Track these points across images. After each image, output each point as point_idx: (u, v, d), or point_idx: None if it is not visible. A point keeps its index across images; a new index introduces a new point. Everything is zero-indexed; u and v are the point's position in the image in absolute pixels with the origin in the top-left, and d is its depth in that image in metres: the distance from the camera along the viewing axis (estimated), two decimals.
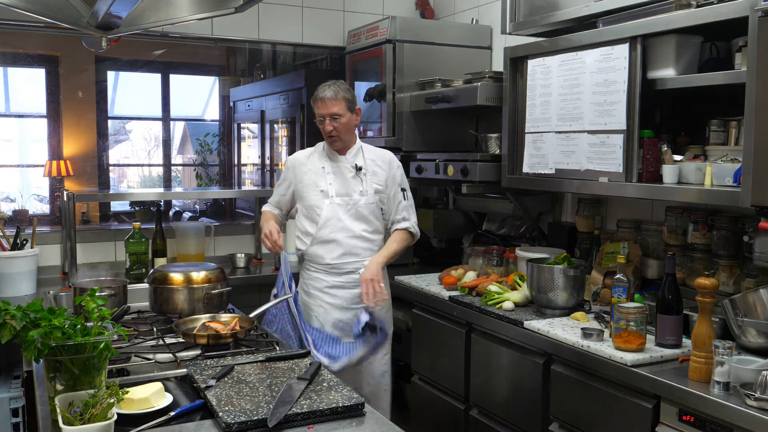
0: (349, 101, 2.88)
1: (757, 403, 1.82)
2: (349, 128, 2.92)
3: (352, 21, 4.28)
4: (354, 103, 2.92)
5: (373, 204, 2.94)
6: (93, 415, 1.56)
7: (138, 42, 5.72)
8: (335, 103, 2.85)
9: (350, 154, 2.96)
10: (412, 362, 3.36)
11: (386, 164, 3.00)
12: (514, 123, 3.07)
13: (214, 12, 2.45)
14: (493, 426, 2.82)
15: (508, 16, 3.16)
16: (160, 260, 3.76)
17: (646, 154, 2.47)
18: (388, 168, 2.99)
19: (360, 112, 2.99)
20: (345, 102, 2.86)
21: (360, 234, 2.94)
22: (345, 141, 2.93)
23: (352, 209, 2.92)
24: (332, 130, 2.87)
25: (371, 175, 2.96)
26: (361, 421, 1.74)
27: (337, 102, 2.85)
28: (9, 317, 1.72)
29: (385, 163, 3.00)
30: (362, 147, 3.01)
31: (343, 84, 2.92)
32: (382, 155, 3.02)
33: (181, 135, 8.34)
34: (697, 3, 2.30)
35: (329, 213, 2.91)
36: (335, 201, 2.92)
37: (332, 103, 2.85)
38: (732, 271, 2.51)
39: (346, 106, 2.87)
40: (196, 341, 2.26)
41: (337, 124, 2.86)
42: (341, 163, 2.95)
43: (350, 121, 2.91)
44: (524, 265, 2.98)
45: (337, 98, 2.85)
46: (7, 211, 6.54)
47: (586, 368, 2.35)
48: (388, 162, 3.01)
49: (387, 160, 3.01)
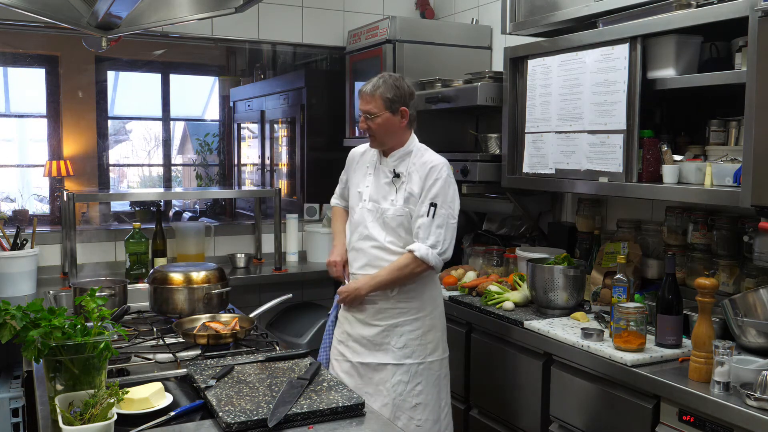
0: (388, 100, 2.55)
1: (757, 403, 1.82)
2: (387, 130, 2.58)
3: (352, 21, 4.28)
4: (398, 102, 2.57)
5: (402, 216, 2.57)
6: (93, 415, 1.56)
7: (138, 42, 5.71)
8: (370, 99, 2.57)
9: (393, 158, 2.63)
10: None
11: (425, 171, 2.57)
12: (514, 123, 3.07)
13: (214, 12, 2.46)
14: (493, 426, 2.82)
15: (508, 16, 3.16)
16: (160, 260, 3.76)
17: (646, 154, 2.47)
18: (425, 176, 2.56)
19: (407, 114, 2.59)
20: (382, 101, 2.55)
21: (385, 246, 2.59)
22: (385, 143, 2.62)
23: (380, 218, 2.61)
24: (367, 129, 2.60)
25: (407, 182, 2.59)
26: (361, 421, 1.74)
27: (372, 99, 2.57)
28: (9, 317, 1.72)
29: (424, 169, 2.58)
30: (415, 152, 2.64)
31: (391, 79, 2.59)
32: (428, 161, 2.60)
33: (181, 135, 8.33)
34: (697, 3, 2.30)
35: (359, 218, 2.66)
36: (366, 206, 2.64)
37: (368, 99, 2.58)
38: (732, 271, 2.51)
39: (383, 105, 2.55)
40: (196, 341, 2.26)
41: (372, 124, 2.57)
42: (382, 165, 2.66)
43: (388, 123, 2.57)
44: (524, 265, 2.98)
45: (374, 95, 2.56)
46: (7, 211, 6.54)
47: (586, 368, 2.35)
48: (428, 169, 2.57)
49: (427, 167, 2.58)
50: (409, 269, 2.53)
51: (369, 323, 2.62)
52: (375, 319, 2.61)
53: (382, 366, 2.59)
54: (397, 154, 2.63)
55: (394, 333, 2.59)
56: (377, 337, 2.60)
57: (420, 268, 2.53)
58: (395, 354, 2.58)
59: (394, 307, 2.60)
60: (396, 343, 2.59)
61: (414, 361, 2.59)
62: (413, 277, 2.56)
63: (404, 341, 2.58)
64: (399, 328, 2.59)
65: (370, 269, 2.61)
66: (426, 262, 2.51)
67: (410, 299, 2.60)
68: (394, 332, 2.59)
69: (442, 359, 2.67)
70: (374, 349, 2.61)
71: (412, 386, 2.59)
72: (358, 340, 2.63)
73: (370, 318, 2.62)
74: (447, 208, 2.55)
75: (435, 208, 2.53)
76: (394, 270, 2.55)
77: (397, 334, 2.59)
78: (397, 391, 2.57)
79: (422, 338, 2.61)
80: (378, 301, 2.60)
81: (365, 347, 2.62)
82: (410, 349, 2.59)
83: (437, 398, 2.64)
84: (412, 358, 2.59)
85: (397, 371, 2.58)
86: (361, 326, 2.63)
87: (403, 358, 2.58)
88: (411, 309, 2.60)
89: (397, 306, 2.60)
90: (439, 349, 2.66)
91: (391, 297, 2.59)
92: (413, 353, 2.59)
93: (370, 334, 2.61)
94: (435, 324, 2.65)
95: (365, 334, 2.62)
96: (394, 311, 2.60)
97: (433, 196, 2.53)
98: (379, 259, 2.60)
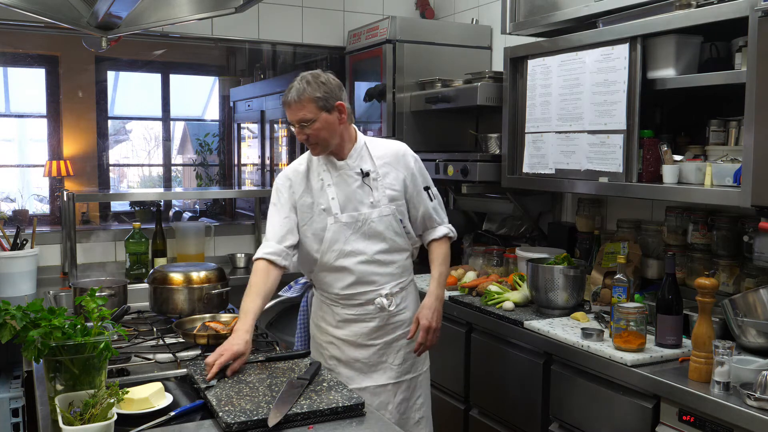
0: (319, 99, 2.24)
1: (757, 403, 1.82)
2: (330, 131, 2.28)
3: (352, 21, 4.28)
4: (330, 99, 2.26)
5: (388, 216, 2.36)
6: (93, 415, 1.56)
7: (138, 42, 5.72)
8: (300, 106, 2.24)
9: (352, 158, 2.36)
10: None
11: (398, 160, 2.39)
12: (514, 123, 3.07)
13: (214, 12, 2.46)
14: (493, 426, 2.82)
15: (508, 16, 3.16)
16: (160, 260, 3.76)
17: (646, 154, 2.47)
18: (402, 165, 2.39)
19: (344, 108, 2.30)
20: (314, 103, 2.24)
21: (374, 258, 2.36)
22: (329, 145, 2.32)
23: (360, 228, 2.34)
24: (306, 139, 2.28)
25: (382, 178, 2.37)
26: (361, 421, 1.74)
27: (301, 105, 2.24)
28: (9, 317, 1.72)
29: (396, 159, 2.39)
30: (367, 144, 2.40)
31: (313, 77, 2.27)
32: (391, 150, 2.41)
33: (181, 135, 8.34)
34: (697, 3, 2.30)
35: (333, 236, 2.34)
36: (341, 219, 2.34)
37: (297, 107, 2.25)
38: (732, 271, 2.51)
39: (316, 106, 2.24)
40: (196, 341, 2.26)
41: (310, 131, 2.26)
42: (343, 170, 2.35)
43: (328, 123, 2.27)
44: (524, 265, 2.98)
45: (301, 100, 2.23)
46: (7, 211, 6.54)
47: (586, 368, 2.35)
48: (402, 156, 2.40)
49: (399, 155, 2.40)
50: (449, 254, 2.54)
51: (363, 344, 2.40)
52: (369, 339, 2.40)
53: (381, 388, 2.38)
54: (354, 152, 2.36)
55: (391, 349, 2.42)
56: (373, 357, 2.40)
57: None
58: (394, 371, 2.40)
59: (388, 323, 2.41)
60: (394, 360, 2.41)
61: (413, 375, 2.45)
62: None
63: (402, 356, 2.41)
64: (396, 344, 2.42)
65: (360, 287, 2.37)
66: (454, 238, 2.54)
67: (403, 310, 2.44)
68: (390, 348, 2.42)
69: (429, 366, 2.56)
70: (370, 371, 2.40)
71: (414, 401, 2.45)
72: (350, 364, 2.40)
73: (363, 339, 2.40)
74: (434, 187, 2.52)
75: (429, 190, 2.48)
76: (446, 260, 2.51)
77: (395, 349, 2.42)
78: (401, 410, 2.41)
79: None
80: (373, 320, 2.40)
81: (359, 371, 2.40)
82: (409, 363, 2.44)
83: (431, 408, 2.55)
84: (411, 372, 2.44)
85: (399, 390, 2.41)
86: (353, 349, 2.40)
87: (403, 374, 2.42)
88: (405, 321, 2.44)
89: (390, 321, 2.41)
90: (428, 358, 2.54)
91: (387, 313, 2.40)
92: (412, 367, 2.45)
93: (365, 356, 2.39)
94: None
95: (359, 357, 2.39)
96: (389, 327, 2.41)
97: (422, 181, 2.45)
98: (371, 274, 2.37)
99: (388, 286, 2.40)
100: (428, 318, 2.35)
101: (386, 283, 2.40)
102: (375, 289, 2.38)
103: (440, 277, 2.46)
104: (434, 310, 2.38)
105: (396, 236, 2.40)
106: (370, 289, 2.38)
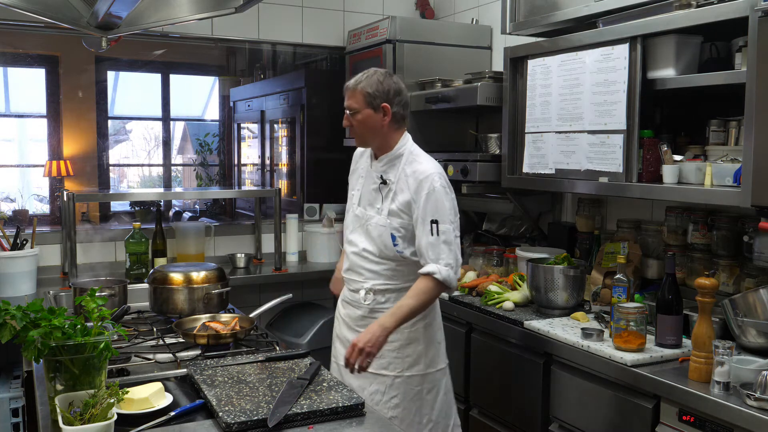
0: (369, 96, 2.39)
1: (757, 403, 1.82)
2: (369, 127, 2.42)
3: (352, 21, 4.28)
4: (379, 98, 2.39)
5: (384, 227, 2.41)
6: (93, 415, 1.56)
7: (138, 42, 5.72)
8: (352, 94, 2.42)
9: (381, 162, 2.47)
10: None
11: (416, 183, 2.37)
12: (514, 123, 3.07)
13: (214, 12, 2.45)
14: (493, 426, 2.82)
15: (508, 16, 3.16)
16: (160, 260, 3.76)
17: (646, 154, 2.47)
18: (416, 188, 2.37)
19: (389, 112, 2.41)
20: (363, 96, 2.39)
21: (362, 253, 2.48)
22: (367, 142, 2.49)
23: (364, 224, 2.48)
24: (349, 125, 2.46)
25: (395, 193, 2.42)
26: (361, 421, 1.74)
27: (354, 94, 2.42)
28: (9, 317, 1.72)
29: (415, 181, 2.37)
30: (407, 157, 2.45)
31: (376, 74, 2.43)
32: (419, 170, 2.40)
33: (181, 135, 8.34)
34: (697, 3, 2.30)
35: (348, 221, 2.58)
36: (356, 211, 2.53)
37: (350, 94, 2.43)
38: (732, 271, 2.51)
39: (364, 100, 2.39)
40: (196, 341, 2.26)
41: (353, 120, 2.43)
42: (372, 170, 2.51)
43: (370, 120, 2.40)
44: (524, 265, 2.98)
45: (355, 90, 2.41)
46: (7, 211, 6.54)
47: (586, 368, 2.35)
48: (421, 181, 2.36)
49: (420, 179, 2.37)
50: (434, 293, 2.36)
51: (352, 327, 2.54)
52: (356, 325, 2.52)
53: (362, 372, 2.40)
54: (385, 158, 2.46)
55: None
56: None
57: (441, 290, 2.36)
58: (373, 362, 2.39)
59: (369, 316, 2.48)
60: None
61: (390, 373, 2.46)
62: (433, 301, 2.43)
63: (381, 352, 2.38)
64: None
65: (351, 273, 2.52)
66: (448, 284, 2.34)
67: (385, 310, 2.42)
68: None
69: (425, 375, 2.49)
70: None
71: (388, 398, 2.47)
72: (342, 342, 2.58)
73: (353, 322, 2.54)
74: (449, 223, 2.37)
75: (437, 225, 2.35)
76: (419, 294, 2.33)
77: None
78: (374, 400, 2.45)
79: (399, 351, 2.46)
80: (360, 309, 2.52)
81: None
82: (386, 360, 2.45)
83: (416, 415, 2.49)
84: (388, 369, 2.46)
85: (374, 381, 2.46)
86: (346, 328, 2.57)
87: (380, 368, 2.45)
88: None
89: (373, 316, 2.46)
90: (421, 364, 2.49)
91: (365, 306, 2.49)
92: (389, 365, 2.46)
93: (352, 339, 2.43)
94: (416, 338, 2.48)
95: (348, 338, 2.51)
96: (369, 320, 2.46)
97: (432, 213, 2.35)
98: (358, 265, 2.49)
99: (372, 282, 2.48)
100: (360, 338, 2.31)
101: (370, 278, 2.48)
102: (362, 280, 2.50)
103: (397, 310, 2.34)
104: (371, 333, 2.30)
105: (385, 248, 2.43)
106: (357, 279, 2.52)
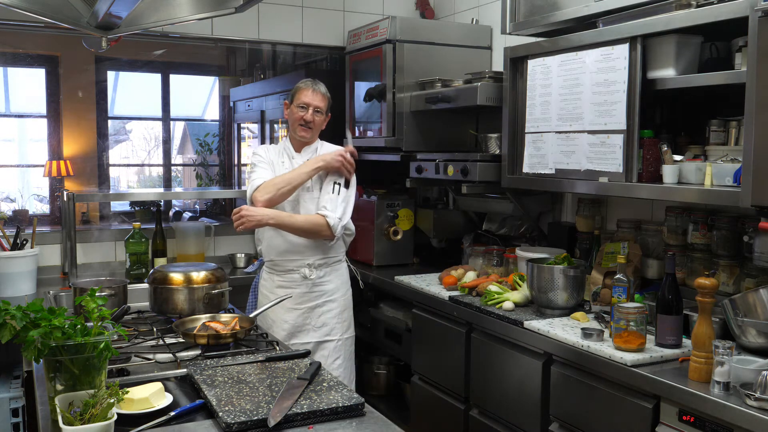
0: (329, 102, 3.10)
1: (757, 403, 1.82)
2: (320, 127, 3.10)
3: (352, 21, 4.28)
4: (328, 108, 3.12)
5: (318, 199, 3.01)
6: (93, 415, 1.56)
7: (138, 42, 5.72)
8: (324, 99, 3.07)
9: (306, 153, 3.10)
10: (412, 362, 3.36)
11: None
12: (514, 123, 3.07)
13: (214, 12, 2.45)
14: (493, 426, 2.82)
15: (508, 16, 3.16)
16: (160, 260, 3.76)
17: (646, 154, 2.47)
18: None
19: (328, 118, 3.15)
20: (327, 101, 3.08)
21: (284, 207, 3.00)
22: (314, 137, 3.11)
23: (297, 206, 3.01)
24: (311, 122, 3.03)
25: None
26: (361, 421, 1.74)
27: (324, 99, 3.07)
28: (9, 317, 1.72)
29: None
30: (320, 147, 3.14)
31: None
32: (329, 152, 3.08)
33: (181, 135, 8.34)
34: (697, 3, 2.30)
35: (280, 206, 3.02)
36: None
37: (322, 98, 3.06)
38: (732, 271, 2.51)
39: (326, 106, 3.08)
40: (196, 341, 2.26)
41: (317, 118, 3.04)
42: (295, 160, 3.08)
43: (324, 121, 3.10)
44: (524, 265, 2.98)
45: (326, 96, 3.08)
46: (7, 211, 6.54)
47: (586, 368, 2.35)
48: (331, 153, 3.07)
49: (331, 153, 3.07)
50: (317, 228, 2.91)
51: (290, 308, 2.98)
52: (295, 304, 2.98)
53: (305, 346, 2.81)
54: (309, 149, 3.11)
55: (313, 314, 3.02)
56: (298, 319, 3.01)
57: (325, 233, 2.93)
58: (316, 333, 3.01)
59: (312, 291, 3.02)
60: (315, 323, 3.02)
61: (333, 338, 3.04)
62: (313, 237, 2.95)
63: (323, 320, 3.02)
64: (318, 309, 3.03)
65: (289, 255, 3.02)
66: (333, 228, 2.92)
67: (326, 282, 3.05)
68: (313, 313, 3.02)
69: (352, 336, 3.16)
70: (296, 332, 3.00)
71: (332, 361, 3.01)
72: (280, 326, 3.00)
73: (290, 302, 2.95)
74: (348, 187, 3.02)
75: (338, 185, 2.99)
76: (308, 221, 2.92)
77: (316, 314, 3.03)
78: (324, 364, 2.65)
79: (339, 316, 3.07)
80: (297, 287, 3.00)
81: (287, 332, 2.99)
82: (329, 327, 3.04)
83: (349, 374, 3.12)
84: (331, 335, 3.04)
85: (318, 348, 2.99)
86: (282, 311, 2.97)
87: (324, 336, 3.02)
88: (327, 291, 3.05)
89: (314, 290, 3.02)
90: (351, 327, 3.15)
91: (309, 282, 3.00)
92: (332, 331, 3.04)
93: (291, 318, 3.00)
94: (348, 304, 3.13)
95: (287, 319, 2.99)
96: (312, 294, 3.02)
97: (336, 178, 3.01)
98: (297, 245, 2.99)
99: (312, 258, 3.01)
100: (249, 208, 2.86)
101: (311, 256, 3.01)
102: (301, 258, 3.01)
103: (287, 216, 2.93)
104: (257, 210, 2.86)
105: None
106: (298, 258, 3.01)
